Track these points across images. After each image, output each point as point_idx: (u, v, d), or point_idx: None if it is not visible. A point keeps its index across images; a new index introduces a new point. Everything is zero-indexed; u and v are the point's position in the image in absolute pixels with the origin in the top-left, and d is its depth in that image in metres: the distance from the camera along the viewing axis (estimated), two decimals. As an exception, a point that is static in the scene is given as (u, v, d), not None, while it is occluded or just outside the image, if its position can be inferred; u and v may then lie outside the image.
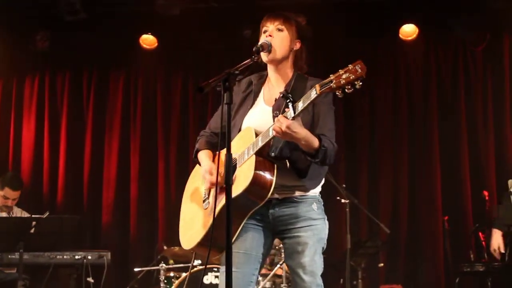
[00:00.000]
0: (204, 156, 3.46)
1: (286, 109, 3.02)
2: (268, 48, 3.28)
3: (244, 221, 3.24)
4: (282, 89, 3.31)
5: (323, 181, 3.38)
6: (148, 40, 7.97)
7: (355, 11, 7.42)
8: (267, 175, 3.13)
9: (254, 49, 3.23)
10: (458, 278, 6.37)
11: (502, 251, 5.51)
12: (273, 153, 3.15)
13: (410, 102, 7.81)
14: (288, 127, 2.97)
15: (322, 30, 7.19)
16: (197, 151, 3.52)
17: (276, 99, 3.30)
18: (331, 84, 2.86)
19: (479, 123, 7.61)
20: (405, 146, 7.74)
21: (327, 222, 3.34)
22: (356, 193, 7.05)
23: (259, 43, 3.29)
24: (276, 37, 3.33)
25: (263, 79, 3.47)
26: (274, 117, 3.23)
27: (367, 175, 7.76)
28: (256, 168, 3.09)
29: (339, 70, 2.86)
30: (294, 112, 2.97)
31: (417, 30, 7.61)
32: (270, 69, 3.44)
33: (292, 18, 3.39)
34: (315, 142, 3.08)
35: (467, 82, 7.71)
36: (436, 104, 7.71)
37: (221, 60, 7.67)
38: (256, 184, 3.10)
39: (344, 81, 2.83)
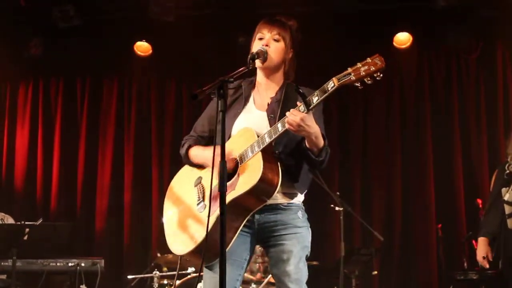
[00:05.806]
0: (202, 148, 3.43)
1: (298, 103, 3.03)
2: (263, 55, 3.28)
3: (242, 227, 3.21)
4: (273, 95, 3.36)
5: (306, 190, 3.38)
6: (142, 47, 7.96)
7: (349, 19, 7.43)
8: (274, 172, 3.10)
9: (249, 57, 3.23)
10: (452, 286, 6.36)
11: (490, 259, 5.44)
12: (277, 151, 3.15)
13: (403, 110, 7.82)
14: (302, 120, 2.99)
15: (316, 39, 7.25)
16: (190, 147, 3.48)
17: (268, 104, 3.33)
18: (350, 77, 2.88)
19: (473, 131, 7.63)
20: (398, 153, 7.75)
21: (310, 230, 3.35)
22: (350, 201, 7.03)
23: (255, 50, 3.28)
24: (272, 46, 3.33)
25: (252, 84, 3.47)
26: (270, 120, 3.26)
27: (361, 182, 7.77)
28: (264, 165, 3.06)
29: (357, 63, 2.88)
30: (308, 106, 2.97)
31: (411, 38, 7.63)
32: (262, 75, 3.44)
33: (288, 27, 3.40)
34: (322, 140, 3.12)
35: (460, 90, 7.73)
36: (430, 112, 7.72)
37: (215, 67, 7.65)
38: (265, 181, 3.07)
39: (364, 73, 2.85)
